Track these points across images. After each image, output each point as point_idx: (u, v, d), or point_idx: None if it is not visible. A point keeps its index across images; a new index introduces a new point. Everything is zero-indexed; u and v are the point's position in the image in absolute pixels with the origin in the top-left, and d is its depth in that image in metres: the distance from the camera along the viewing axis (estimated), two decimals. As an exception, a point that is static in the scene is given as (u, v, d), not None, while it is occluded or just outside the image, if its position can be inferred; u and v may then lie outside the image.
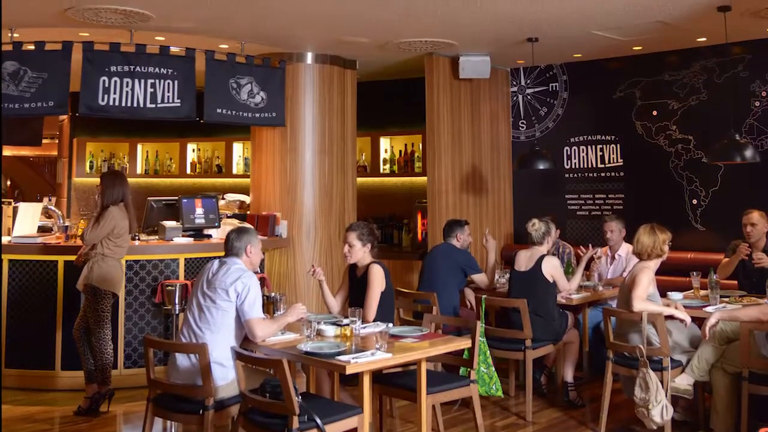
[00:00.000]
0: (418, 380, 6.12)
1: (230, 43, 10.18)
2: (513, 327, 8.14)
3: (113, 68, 9.39)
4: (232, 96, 10.23)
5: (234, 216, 11.06)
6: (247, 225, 8.72)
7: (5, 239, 9.57)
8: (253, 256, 6.49)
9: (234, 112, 10.27)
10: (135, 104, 9.51)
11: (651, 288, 7.18)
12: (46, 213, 10.95)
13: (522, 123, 12.26)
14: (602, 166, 11.48)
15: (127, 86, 9.45)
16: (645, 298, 7.07)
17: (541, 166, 10.43)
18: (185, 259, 9.43)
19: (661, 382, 6.86)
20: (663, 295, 7.73)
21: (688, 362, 7.17)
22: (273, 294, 7.47)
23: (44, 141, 15.68)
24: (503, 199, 12.20)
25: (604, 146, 11.48)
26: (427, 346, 6.13)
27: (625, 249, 9.47)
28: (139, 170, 14.64)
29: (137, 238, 9.52)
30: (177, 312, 8.79)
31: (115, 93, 9.38)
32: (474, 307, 9.10)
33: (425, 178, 11.33)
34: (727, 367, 6.95)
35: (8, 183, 18.19)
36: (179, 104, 9.79)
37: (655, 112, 10.95)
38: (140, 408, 7.01)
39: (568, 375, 8.47)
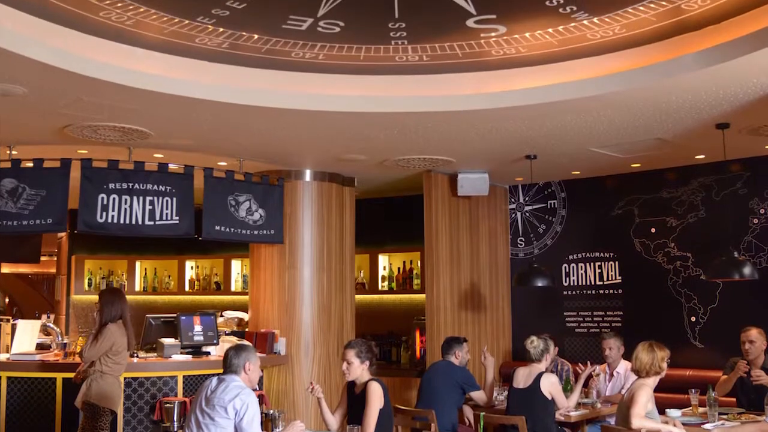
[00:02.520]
0: (417, 499, 6.07)
1: (229, 161, 10.27)
2: (512, 445, 8.09)
3: (112, 185, 9.37)
4: (230, 213, 10.27)
5: (232, 333, 11.05)
6: (245, 342, 8.69)
7: (4, 356, 9.58)
8: (251, 374, 6.48)
9: (232, 229, 10.30)
10: (133, 221, 9.49)
11: (650, 405, 7.14)
12: (45, 330, 10.96)
13: (520, 240, 12.33)
14: (601, 283, 11.51)
15: (125, 203, 9.44)
16: (643, 416, 7.02)
17: (540, 284, 10.42)
18: (184, 376, 9.40)
19: (661, 500, 6.80)
20: (661, 412, 7.68)
21: (687, 480, 7.13)
22: (271, 411, 7.44)
23: (43, 258, 15.76)
24: (502, 316, 12.20)
25: (603, 263, 11.52)
26: (425, 464, 6.10)
27: (623, 366, 9.44)
28: (137, 287, 14.69)
29: (136, 355, 9.52)
30: (176, 429, 8.74)
31: (113, 210, 9.36)
32: (472, 424, 9.04)
33: (424, 296, 11.32)
34: (727, 485, 6.90)
35: (7, 300, 18.19)
36: (177, 221, 9.79)
37: (653, 230, 11.01)
38: None
39: (567, 493, 8.39)
